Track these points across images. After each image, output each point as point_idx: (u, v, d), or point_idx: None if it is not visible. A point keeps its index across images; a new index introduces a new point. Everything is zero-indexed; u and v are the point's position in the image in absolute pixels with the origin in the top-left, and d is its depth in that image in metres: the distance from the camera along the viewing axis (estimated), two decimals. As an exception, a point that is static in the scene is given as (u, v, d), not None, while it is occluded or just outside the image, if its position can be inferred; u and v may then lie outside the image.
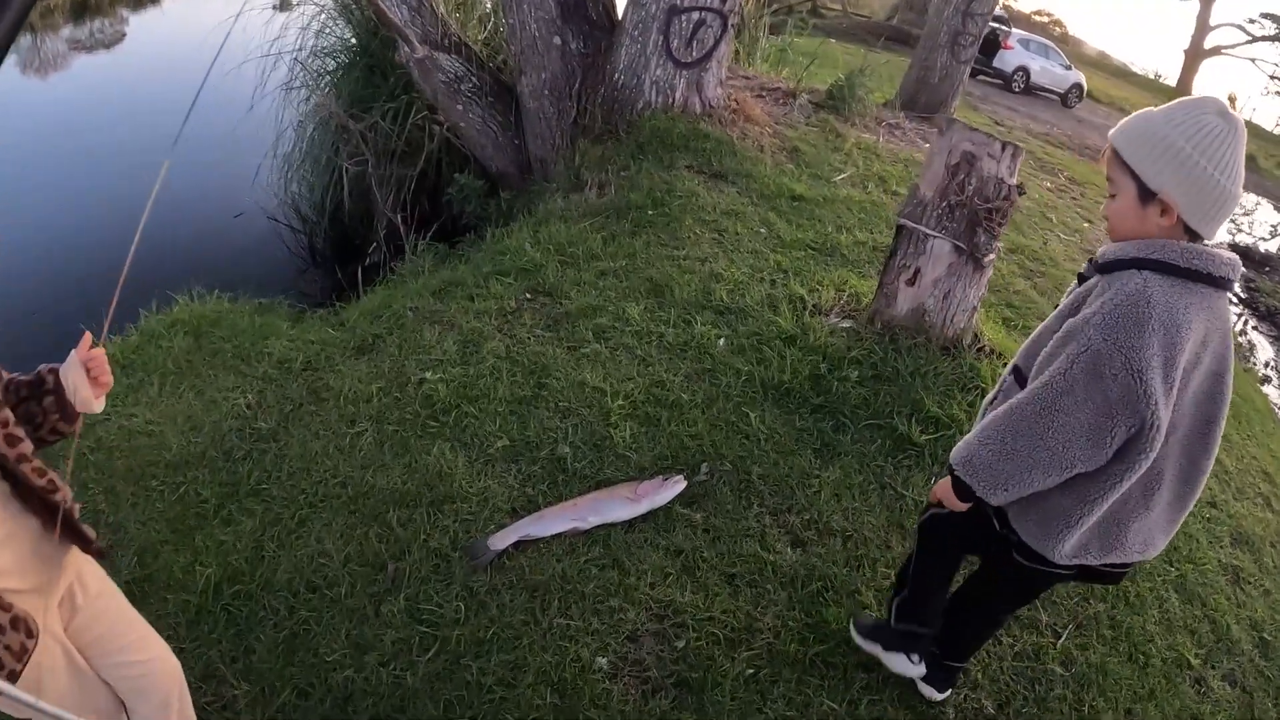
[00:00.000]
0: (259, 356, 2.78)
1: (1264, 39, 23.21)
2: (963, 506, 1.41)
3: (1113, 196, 1.27)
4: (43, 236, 5.09)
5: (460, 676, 1.70)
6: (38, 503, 1.10)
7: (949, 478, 1.40)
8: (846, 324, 2.99)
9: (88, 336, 1.20)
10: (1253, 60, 24.07)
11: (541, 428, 2.34)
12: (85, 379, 1.18)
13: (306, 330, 2.94)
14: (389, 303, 3.03)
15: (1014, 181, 2.73)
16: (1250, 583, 2.64)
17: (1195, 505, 2.78)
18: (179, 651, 1.90)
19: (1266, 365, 5.99)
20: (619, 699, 1.66)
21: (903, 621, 1.68)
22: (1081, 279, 1.33)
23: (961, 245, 2.71)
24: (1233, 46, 23.25)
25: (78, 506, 1.19)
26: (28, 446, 1.10)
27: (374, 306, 3.02)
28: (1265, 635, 2.44)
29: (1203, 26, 22.71)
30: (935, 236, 2.74)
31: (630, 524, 2.04)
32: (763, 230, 3.80)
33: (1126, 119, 1.28)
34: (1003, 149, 2.68)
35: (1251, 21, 24.00)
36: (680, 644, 1.78)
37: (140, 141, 6.18)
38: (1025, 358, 1.38)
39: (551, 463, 2.23)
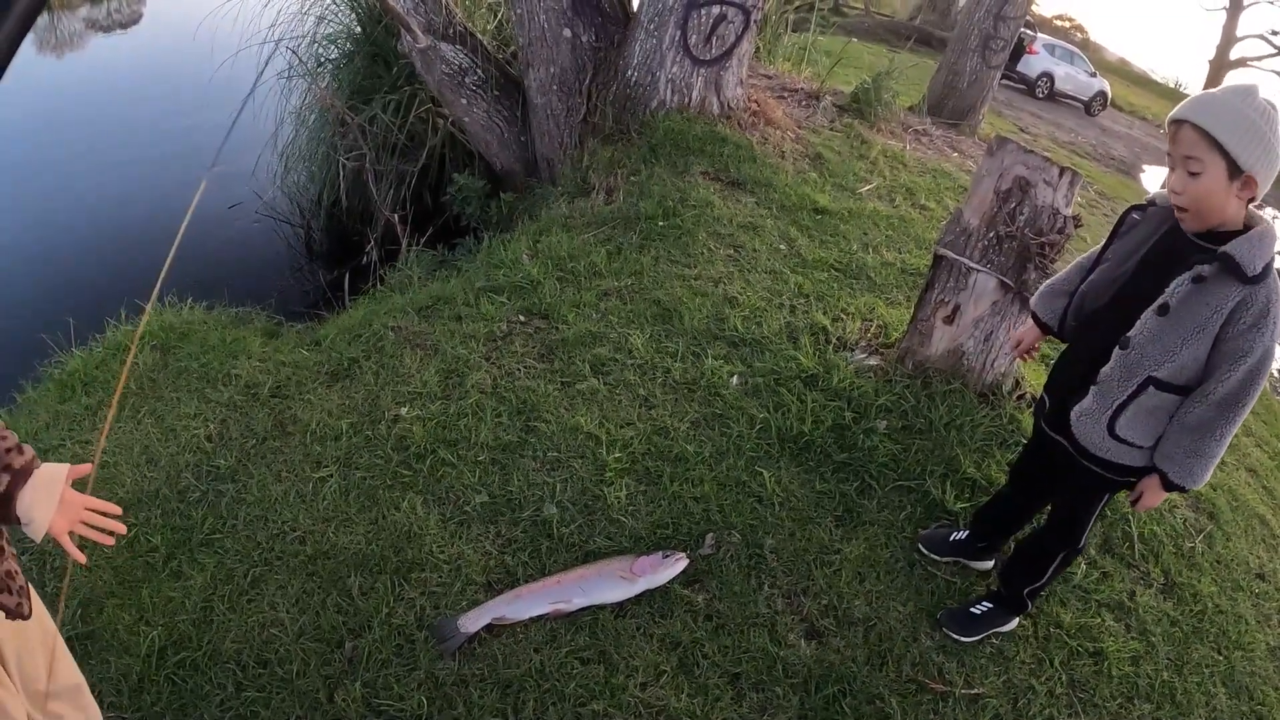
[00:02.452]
0: (226, 379, 2.51)
1: None
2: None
3: (1194, 174, 1.34)
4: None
5: (415, 797, 1.44)
6: None
7: (1158, 492, 1.51)
8: (873, 361, 2.68)
9: (89, 468, 1.06)
10: (1277, 73, 23.39)
11: (526, 481, 2.05)
12: (54, 507, 0.98)
13: (280, 349, 2.66)
14: (370, 320, 2.74)
15: (1070, 212, 2.41)
16: None
17: (1245, 579, 2.50)
18: (120, 722, 1.67)
19: None
20: (599, 837, 1.39)
21: (1034, 599, 1.88)
22: (1201, 281, 1.37)
23: (1009, 282, 2.39)
24: (1259, 59, 22.53)
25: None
26: None
27: (354, 324, 2.73)
28: None
29: (1229, 38, 21.98)
30: (979, 271, 2.42)
31: (621, 606, 1.75)
32: (782, 247, 3.48)
33: (1199, 100, 1.36)
34: (1060, 174, 2.36)
35: (1275, 33, 23.31)
36: (674, 765, 1.50)
37: (114, 136, 5.91)
38: (1169, 371, 1.43)
39: (535, 525, 1.94)
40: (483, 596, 1.77)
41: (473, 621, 1.69)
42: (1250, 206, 1.40)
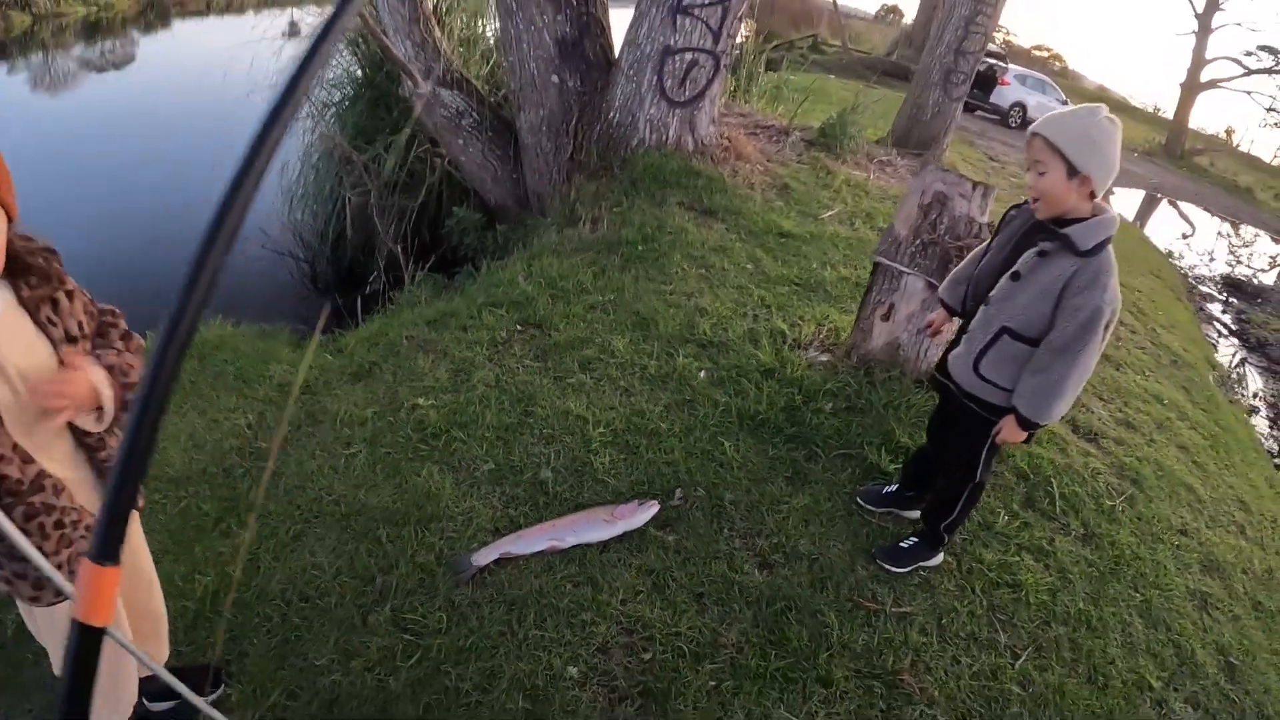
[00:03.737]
0: (260, 379, 2.96)
1: (1259, 71, 23.79)
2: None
3: (1042, 174, 1.81)
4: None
5: (440, 682, 1.85)
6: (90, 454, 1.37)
7: (1016, 429, 1.94)
8: (824, 358, 3.17)
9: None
10: (1248, 93, 24.81)
11: (526, 453, 2.51)
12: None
13: (306, 352, 3.13)
14: (385, 331, 3.22)
15: (985, 219, 2.93)
16: (1219, 609, 2.73)
17: (1166, 534, 2.91)
18: (176, 654, 2.05)
19: (1255, 396, 6.14)
20: (587, 706, 1.81)
21: (950, 533, 2.31)
22: (1045, 254, 1.85)
23: (934, 282, 2.89)
24: (1228, 80, 23.80)
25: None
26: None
27: (371, 334, 3.21)
28: (1232, 659, 2.54)
29: (1199, 60, 23.20)
30: (909, 273, 2.93)
31: (605, 544, 2.19)
32: (749, 266, 4.00)
33: (1051, 118, 1.83)
34: (974, 188, 2.88)
35: (1249, 54, 24.73)
36: (647, 656, 1.92)
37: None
38: (1019, 323, 1.90)
39: (534, 486, 2.39)
40: (491, 540, 2.21)
41: (483, 556, 2.12)
42: (1097, 200, 1.86)
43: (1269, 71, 23.77)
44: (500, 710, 1.79)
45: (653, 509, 2.25)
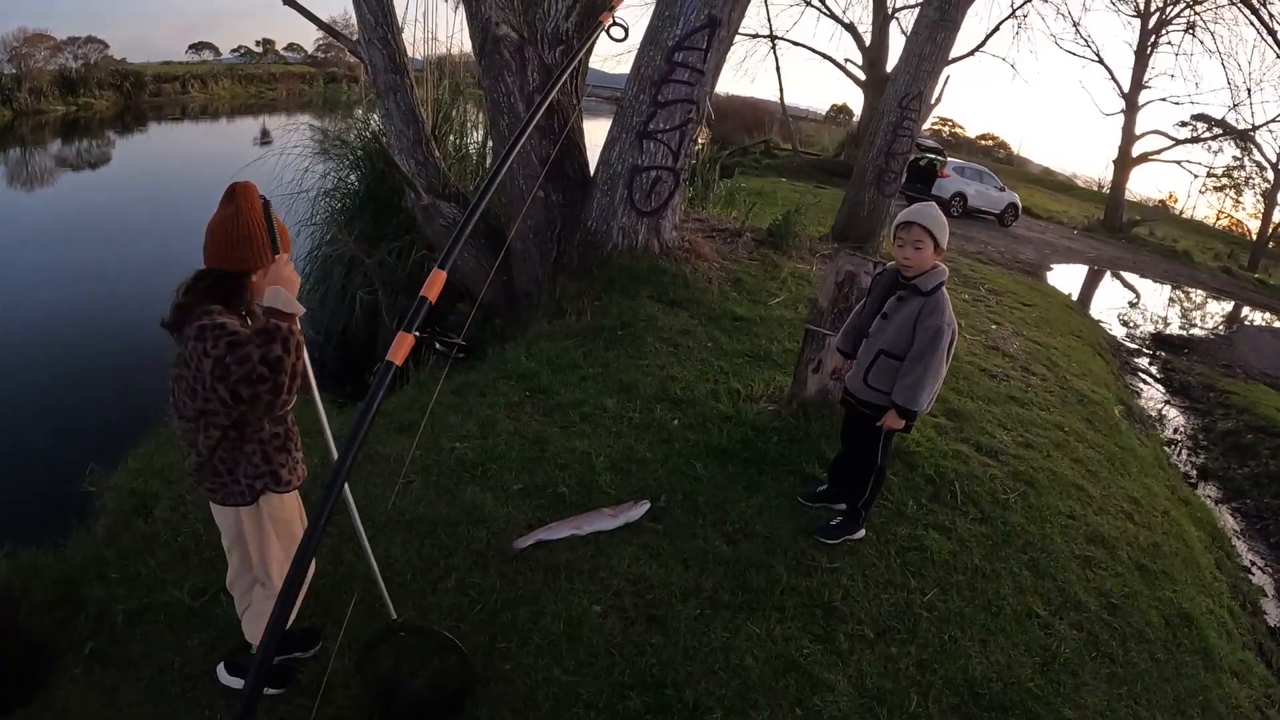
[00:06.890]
0: (316, 433, 3.96)
1: (1186, 141, 27.28)
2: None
3: (919, 249, 2.97)
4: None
5: (500, 620, 2.82)
6: None
7: (897, 418, 3.07)
8: (771, 407, 4.34)
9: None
10: (1179, 163, 28.29)
11: (546, 477, 3.57)
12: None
13: (350, 415, 4.17)
14: (417, 398, 4.30)
15: (882, 296, 4.19)
16: (1103, 568, 3.72)
17: (1054, 518, 3.92)
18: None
19: (1175, 430, 7.48)
20: (608, 628, 2.79)
21: (866, 509, 3.40)
22: (902, 298, 3.04)
23: (847, 342, 4.11)
24: (1158, 152, 26.99)
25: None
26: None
27: (406, 401, 4.28)
28: (1113, 600, 3.50)
29: (1129, 136, 26.23)
30: (830, 334, 4.15)
31: (612, 532, 3.23)
32: (709, 344, 5.23)
33: (921, 212, 3.01)
34: (874, 266, 4.16)
35: (1184, 125, 28.53)
36: (649, 597, 2.93)
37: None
38: (890, 345, 3.07)
39: (555, 498, 3.44)
40: (527, 533, 3.22)
41: (523, 541, 3.13)
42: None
43: (1194, 140, 27.31)
44: (547, 633, 2.76)
45: (645, 506, 3.31)
